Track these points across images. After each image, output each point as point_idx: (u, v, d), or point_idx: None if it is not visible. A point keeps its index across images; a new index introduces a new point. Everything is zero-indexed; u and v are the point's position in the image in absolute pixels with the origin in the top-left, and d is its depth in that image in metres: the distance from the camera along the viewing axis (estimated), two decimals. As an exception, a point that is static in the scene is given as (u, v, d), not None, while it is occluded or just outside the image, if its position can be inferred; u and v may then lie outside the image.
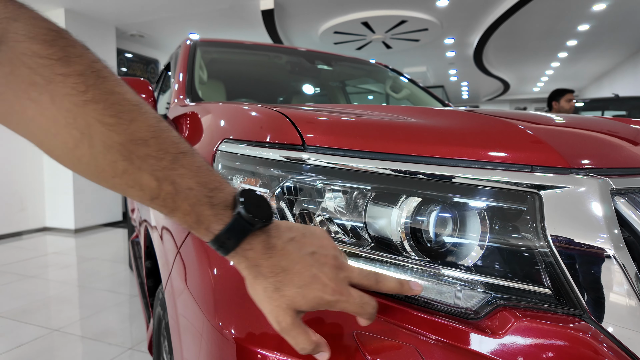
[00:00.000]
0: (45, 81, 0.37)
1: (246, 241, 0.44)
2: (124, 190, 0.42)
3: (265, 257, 0.44)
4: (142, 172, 0.40)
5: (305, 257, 0.45)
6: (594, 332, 0.50)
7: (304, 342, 0.45)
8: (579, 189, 0.55)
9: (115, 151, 0.39)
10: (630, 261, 0.52)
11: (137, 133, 0.40)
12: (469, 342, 0.51)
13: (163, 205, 0.42)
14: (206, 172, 0.44)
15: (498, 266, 0.55)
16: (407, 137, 0.63)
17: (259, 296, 0.46)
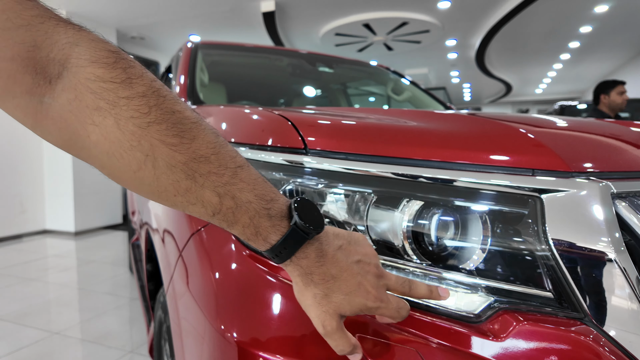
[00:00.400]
0: (109, 105, 0.37)
1: (301, 250, 0.45)
2: (185, 207, 0.42)
3: (317, 265, 0.46)
4: (204, 189, 0.40)
5: (352, 265, 0.47)
6: (596, 336, 0.50)
7: (344, 344, 0.47)
8: (580, 193, 0.55)
9: (178, 170, 0.39)
10: (632, 265, 0.52)
11: (199, 151, 0.40)
12: (470, 346, 0.51)
13: (224, 219, 0.42)
14: (262, 184, 0.44)
15: (500, 270, 0.55)
16: (409, 141, 0.63)
17: (308, 302, 0.47)
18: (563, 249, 0.53)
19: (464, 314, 0.54)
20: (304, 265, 0.45)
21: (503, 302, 0.54)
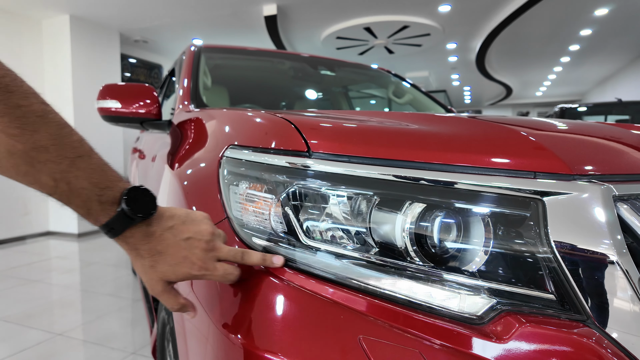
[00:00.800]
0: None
1: (127, 231, 0.53)
2: (28, 184, 0.49)
3: (143, 243, 0.55)
4: (41, 174, 0.47)
5: (180, 242, 0.56)
6: (598, 338, 0.51)
7: (172, 303, 0.59)
8: (582, 195, 0.55)
9: (17, 157, 0.46)
10: (634, 267, 0.52)
11: (39, 142, 0.46)
12: (472, 347, 0.51)
13: (59, 199, 0.50)
14: (100, 172, 0.52)
15: (502, 272, 0.56)
16: (411, 144, 0.64)
17: (139, 270, 0.57)
18: (565, 251, 0.53)
19: (467, 315, 0.54)
20: (130, 242, 0.54)
21: (505, 304, 0.54)
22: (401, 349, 0.51)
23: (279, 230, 0.64)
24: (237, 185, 0.72)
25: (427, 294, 0.56)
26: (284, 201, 0.65)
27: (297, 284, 0.59)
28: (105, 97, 1.54)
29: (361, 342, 0.52)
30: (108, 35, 5.42)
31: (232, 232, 0.68)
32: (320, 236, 0.62)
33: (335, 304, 0.56)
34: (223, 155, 0.78)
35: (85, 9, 4.68)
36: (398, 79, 2.61)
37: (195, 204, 0.80)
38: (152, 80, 6.79)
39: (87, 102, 5.10)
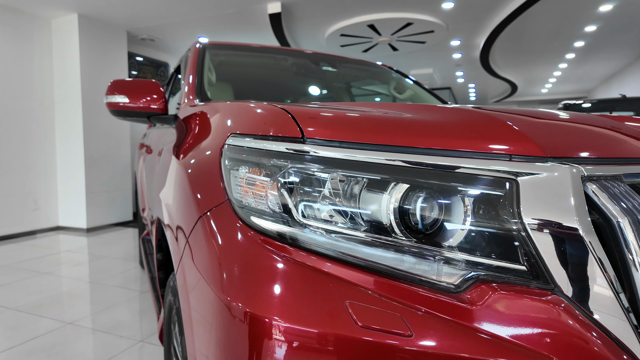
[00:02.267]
0: None
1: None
2: None
3: None
4: None
5: None
6: (564, 304, 0.56)
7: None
8: (553, 176, 0.60)
9: None
10: (597, 241, 0.57)
11: None
12: (449, 312, 0.56)
13: None
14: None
15: (478, 245, 0.61)
16: (396, 130, 0.69)
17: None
18: (536, 227, 0.58)
19: (445, 284, 0.59)
20: None
21: (481, 275, 0.59)
22: (383, 312, 0.56)
23: (276, 209, 0.69)
24: (238, 170, 0.77)
25: (410, 265, 0.61)
26: (280, 183, 0.70)
27: (291, 257, 0.64)
28: (113, 92, 1.60)
29: (347, 307, 0.57)
30: (115, 34, 5.50)
31: (232, 213, 0.73)
32: (314, 214, 0.68)
33: (325, 274, 0.61)
34: (225, 143, 0.84)
35: (93, 8, 4.76)
36: (399, 75, 2.65)
37: (199, 189, 0.85)
38: (158, 78, 6.87)
39: (95, 99, 5.18)
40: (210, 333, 0.69)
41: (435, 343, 0.53)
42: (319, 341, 0.56)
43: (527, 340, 0.54)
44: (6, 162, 4.70)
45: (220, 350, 0.65)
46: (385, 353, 0.53)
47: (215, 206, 0.76)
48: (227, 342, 0.63)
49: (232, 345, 0.62)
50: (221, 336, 0.65)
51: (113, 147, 5.46)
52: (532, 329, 0.55)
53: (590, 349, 0.53)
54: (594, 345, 0.54)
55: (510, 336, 0.54)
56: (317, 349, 0.56)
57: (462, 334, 0.54)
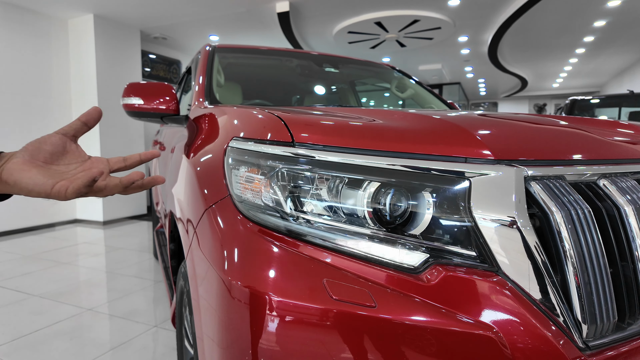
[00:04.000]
0: None
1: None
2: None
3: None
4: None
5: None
6: (505, 283, 0.67)
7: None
8: (499, 175, 0.71)
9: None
10: (532, 231, 0.68)
11: None
12: (408, 289, 0.68)
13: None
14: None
15: (436, 234, 0.73)
16: (371, 136, 0.81)
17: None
18: (483, 219, 0.70)
19: (406, 266, 0.71)
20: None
21: (437, 258, 0.71)
22: (353, 288, 0.68)
23: (269, 203, 0.82)
24: (238, 169, 0.90)
25: (379, 250, 0.73)
26: (273, 181, 0.82)
27: (282, 244, 0.77)
28: (129, 94, 1.74)
29: (324, 284, 0.69)
30: (129, 33, 5.67)
31: (233, 206, 0.86)
32: (301, 208, 0.80)
33: (308, 258, 0.74)
34: (228, 145, 0.96)
35: (108, 8, 4.92)
36: (401, 75, 2.75)
37: (205, 185, 0.98)
38: (171, 75, 7.04)
39: (110, 97, 5.37)
40: (215, 308, 0.82)
41: (394, 313, 0.65)
42: (301, 311, 0.69)
43: (472, 312, 0.66)
44: (27, 157, 4.91)
45: (223, 319, 0.78)
46: (353, 320, 0.66)
47: (218, 200, 0.89)
48: (229, 313, 0.76)
49: (233, 315, 0.75)
50: (224, 309, 0.78)
51: (127, 143, 5.65)
52: (478, 303, 0.66)
53: (526, 321, 0.65)
54: (528, 317, 0.65)
55: (457, 309, 0.66)
56: (301, 317, 0.69)
57: (418, 306, 0.66)
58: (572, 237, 0.69)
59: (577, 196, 0.74)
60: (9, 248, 4.15)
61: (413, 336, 0.64)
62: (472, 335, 0.64)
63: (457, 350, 0.63)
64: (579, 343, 0.66)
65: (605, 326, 0.69)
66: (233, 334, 0.76)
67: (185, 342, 1.47)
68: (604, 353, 0.66)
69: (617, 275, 0.74)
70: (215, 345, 0.81)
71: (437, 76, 9.93)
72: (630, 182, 0.82)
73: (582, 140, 0.87)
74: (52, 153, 0.62)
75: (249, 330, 0.72)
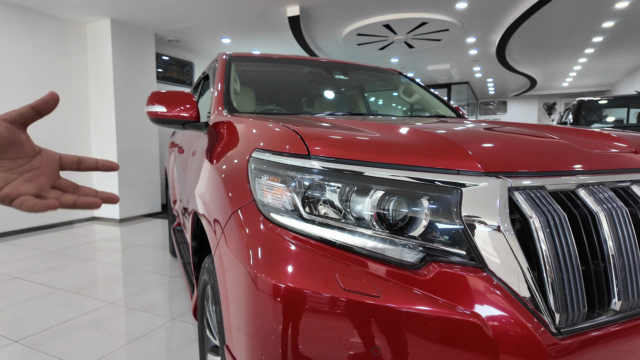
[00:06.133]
0: None
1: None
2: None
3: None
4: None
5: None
6: (491, 279, 0.79)
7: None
8: (486, 186, 0.83)
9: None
10: (513, 234, 0.80)
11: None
12: (408, 282, 0.81)
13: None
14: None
15: (433, 235, 0.85)
16: (378, 150, 0.93)
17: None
18: (472, 223, 0.82)
19: (406, 262, 0.83)
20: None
21: (432, 256, 0.83)
22: (361, 281, 0.81)
23: (288, 208, 0.95)
24: (261, 177, 1.03)
25: (383, 249, 0.85)
26: (291, 188, 0.95)
27: (300, 242, 0.90)
28: (153, 102, 1.88)
29: (336, 277, 0.82)
30: (144, 36, 5.84)
31: (256, 210, 0.99)
32: (316, 212, 0.93)
33: (322, 255, 0.86)
34: (251, 156, 1.09)
35: (124, 13, 5.09)
36: (408, 80, 2.86)
37: (231, 190, 1.12)
38: (183, 76, 7.21)
39: (127, 98, 5.55)
40: (242, 299, 0.95)
41: (395, 302, 0.78)
42: (317, 299, 0.81)
43: (462, 302, 0.78)
44: (47, 157, 5.10)
45: (250, 308, 0.91)
46: (360, 307, 0.78)
47: (244, 205, 1.02)
48: (255, 302, 0.89)
49: (259, 304, 0.88)
50: (250, 299, 0.91)
51: (143, 144, 5.83)
52: (467, 295, 0.79)
53: (507, 310, 0.77)
54: (509, 307, 0.77)
55: (449, 299, 0.78)
56: (316, 304, 0.81)
57: (416, 297, 0.79)
58: (547, 239, 0.81)
59: (555, 204, 0.86)
60: (32, 244, 4.34)
61: (411, 321, 0.77)
62: (461, 321, 0.76)
63: (448, 334, 0.76)
64: (552, 329, 0.77)
65: (576, 315, 0.81)
66: (259, 322, 0.89)
67: (207, 332, 1.61)
68: (574, 338, 0.78)
69: (589, 272, 0.85)
70: (242, 333, 0.94)
71: (445, 76, 9.98)
72: (606, 191, 0.93)
73: (563, 152, 0.99)
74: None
75: (272, 317, 0.85)
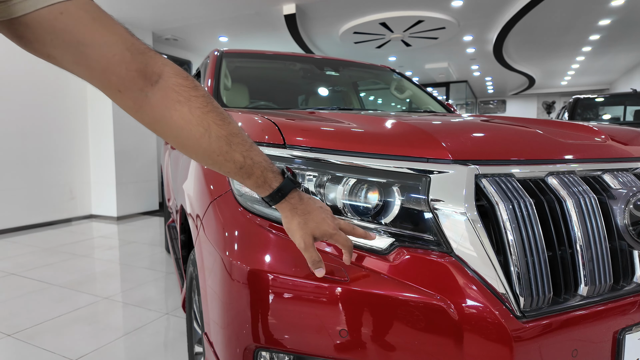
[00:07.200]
0: (185, 99, 0.64)
1: (290, 194, 0.75)
2: (222, 164, 0.69)
3: (299, 204, 0.76)
4: (235, 152, 0.68)
5: (318, 207, 0.78)
6: (455, 262, 0.81)
7: (315, 257, 0.77)
8: (454, 173, 0.85)
9: (222, 140, 0.67)
10: (478, 219, 0.81)
11: (232, 130, 0.68)
12: (377, 267, 0.82)
13: (245, 172, 0.70)
14: (265, 155, 0.74)
15: (402, 222, 0.87)
16: (351, 139, 0.95)
17: (294, 227, 0.76)
18: (439, 209, 0.84)
19: (376, 248, 0.85)
20: (292, 202, 0.75)
21: (401, 242, 0.85)
22: (331, 265, 0.83)
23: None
24: (238, 167, 1.05)
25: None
26: (267, 178, 0.97)
27: (274, 230, 0.92)
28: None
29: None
30: (142, 35, 5.86)
31: (233, 199, 1.01)
32: (290, 200, 0.94)
33: (294, 241, 0.88)
34: (230, 147, 1.11)
35: (121, 11, 5.12)
36: (400, 77, 2.87)
37: (210, 181, 1.13)
38: (181, 75, 7.21)
39: (123, 97, 5.56)
40: (220, 285, 0.97)
41: (362, 286, 0.80)
42: (288, 283, 0.83)
43: (428, 285, 0.79)
44: (45, 155, 5.14)
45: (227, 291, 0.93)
46: (329, 290, 0.80)
47: (221, 194, 1.04)
48: (231, 286, 0.91)
49: (235, 288, 0.90)
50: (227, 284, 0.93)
51: (140, 142, 5.85)
52: (433, 278, 0.80)
53: (472, 293, 0.79)
54: (475, 290, 0.79)
55: (416, 282, 0.80)
56: (288, 288, 0.83)
57: (383, 280, 0.81)
58: (513, 225, 0.83)
59: (522, 191, 0.87)
60: (29, 241, 4.37)
61: (377, 304, 0.79)
62: (427, 304, 0.78)
63: (414, 316, 0.78)
64: (516, 312, 0.79)
65: (541, 299, 0.82)
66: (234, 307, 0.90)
67: (194, 324, 1.63)
68: (537, 321, 0.80)
69: (555, 258, 0.87)
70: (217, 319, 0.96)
71: (444, 74, 9.99)
72: (576, 180, 0.95)
73: (535, 141, 1.00)
74: None
75: (245, 301, 0.87)
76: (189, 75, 0.67)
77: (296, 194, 0.75)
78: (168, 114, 0.64)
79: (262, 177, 0.72)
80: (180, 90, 0.64)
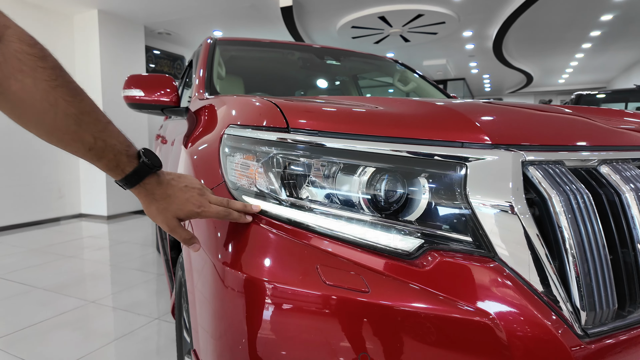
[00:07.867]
0: (30, 69, 0.56)
1: (147, 178, 0.70)
2: (69, 144, 0.63)
3: (157, 188, 0.72)
4: (85, 133, 0.63)
5: (181, 188, 0.75)
6: (500, 268, 0.66)
7: (184, 235, 0.77)
8: (496, 160, 0.70)
9: (70, 118, 0.61)
10: (529, 216, 0.67)
11: (84, 108, 0.62)
12: (402, 274, 0.67)
13: (95, 154, 0.65)
14: (122, 136, 0.69)
15: (432, 219, 0.71)
16: (367, 121, 0.79)
17: (154, 212, 0.73)
18: (479, 204, 0.68)
19: (400, 251, 0.70)
20: (148, 188, 0.71)
21: (432, 244, 0.70)
22: (347, 273, 0.67)
23: (264, 190, 0.81)
24: (233, 156, 0.89)
25: (373, 236, 0.72)
26: (268, 167, 0.81)
27: (276, 230, 0.76)
28: (130, 86, 1.73)
29: (317, 269, 0.68)
30: (133, 29, 5.67)
31: (227, 192, 0.85)
32: (296, 194, 0.79)
33: (302, 244, 0.73)
34: (224, 132, 0.95)
35: (112, 3, 4.93)
36: (404, 68, 2.73)
37: (201, 173, 0.98)
38: (175, 70, 7.05)
39: (115, 92, 5.39)
40: (210, 294, 0.81)
41: (387, 298, 0.64)
42: (294, 296, 0.68)
43: (468, 298, 0.64)
44: (33, 153, 4.95)
45: (217, 302, 0.77)
46: (345, 305, 0.65)
47: (213, 187, 0.88)
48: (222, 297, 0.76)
49: (227, 299, 0.75)
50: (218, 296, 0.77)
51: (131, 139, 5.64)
52: (473, 289, 0.65)
53: (523, 307, 0.64)
54: (526, 304, 0.64)
55: (453, 294, 0.65)
56: (293, 302, 0.68)
57: (412, 292, 0.65)
58: (571, 223, 0.68)
59: (577, 182, 0.72)
60: (15, 242, 4.19)
61: (406, 321, 0.63)
62: (467, 322, 0.62)
63: (451, 336, 0.62)
64: (577, 330, 0.64)
65: (605, 314, 0.68)
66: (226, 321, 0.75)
67: (184, 333, 1.47)
68: (602, 341, 0.65)
69: (617, 262, 0.72)
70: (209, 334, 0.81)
71: (441, 72, 9.86)
72: (632, 169, 0.80)
73: (582, 126, 0.86)
74: None
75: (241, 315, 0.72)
76: (37, 42, 0.60)
77: (153, 179, 0.72)
78: (6, 83, 0.56)
79: (114, 160, 0.67)
80: (23, 59, 0.56)
